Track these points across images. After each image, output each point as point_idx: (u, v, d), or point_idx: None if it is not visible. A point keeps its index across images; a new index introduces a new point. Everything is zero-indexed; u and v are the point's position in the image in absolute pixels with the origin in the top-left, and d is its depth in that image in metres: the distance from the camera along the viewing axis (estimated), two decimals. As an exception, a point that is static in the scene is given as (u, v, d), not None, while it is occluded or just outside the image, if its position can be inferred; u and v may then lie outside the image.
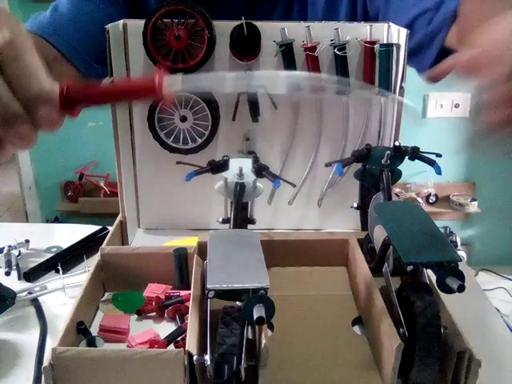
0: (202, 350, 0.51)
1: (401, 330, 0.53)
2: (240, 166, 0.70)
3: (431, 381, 0.53)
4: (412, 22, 0.80)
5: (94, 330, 0.64)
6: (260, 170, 0.71)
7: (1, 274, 0.78)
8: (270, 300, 0.48)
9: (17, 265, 0.80)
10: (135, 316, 0.67)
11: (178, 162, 0.76)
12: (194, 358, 0.49)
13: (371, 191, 0.72)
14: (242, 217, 0.70)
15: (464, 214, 2.55)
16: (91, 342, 0.59)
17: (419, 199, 2.48)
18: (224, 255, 0.55)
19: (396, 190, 2.40)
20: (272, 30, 0.77)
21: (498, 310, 0.73)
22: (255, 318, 0.46)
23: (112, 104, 0.68)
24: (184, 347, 0.50)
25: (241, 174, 0.70)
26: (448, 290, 0.50)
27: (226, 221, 0.73)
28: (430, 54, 0.80)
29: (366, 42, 0.78)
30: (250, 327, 0.52)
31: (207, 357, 0.49)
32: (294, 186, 0.75)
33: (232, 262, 0.53)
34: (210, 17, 0.76)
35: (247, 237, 0.60)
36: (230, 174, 0.71)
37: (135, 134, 0.85)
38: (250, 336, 0.52)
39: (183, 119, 0.82)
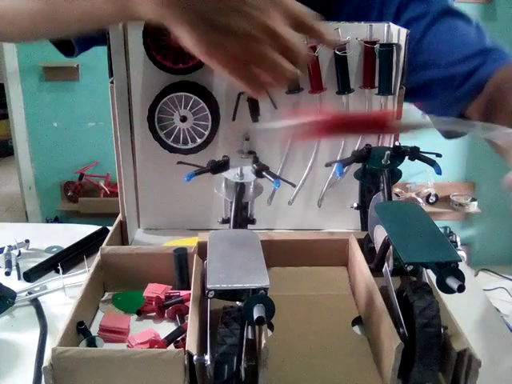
0: (202, 350, 0.51)
1: (401, 329, 0.53)
2: (240, 166, 0.70)
3: (431, 381, 0.53)
4: (439, 82, 0.80)
5: (94, 330, 0.64)
6: (260, 170, 0.71)
7: (1, 274, 0.78)
8: (270, 300, 0.48)
9: (17, 265, 0.80)
10: (135, 316, 0.67)
11: (179, 162, 0.75)
12: (194, 357, 0.49)
13: (371, 191, 0.72)
14: (242, 217, 0.70)
15: (464, 213, 2.55)
16: (91, 342, 0.59)
17: (419, 199, 2.48)
18: (224, 255, 0.55)
19: (396, 190, 2.40)
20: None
21: (498, 310, 0.73)
22: (255, 318, 0.46)
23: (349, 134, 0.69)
24: (184, 347, 0.50)
25: (241, 174, 0.70)
26: (448, 290, 0.50)
27: (225, 221, 0.73)
28: (448, 116, 0.80)
29: (366, 42, 0.78)
30: (249, 327, 0.52)
31: (207, 357, 0.49)
32: (294, 186, 0.75)
33: (232, 262, 0.53)
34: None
35: (247, 237, 0.60)
36: (230, 174, 0.71)
37: (135, 134, 0.85)
38: (250, 336, 0.52)
39: (183, 119, 0.82)
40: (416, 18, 0.77)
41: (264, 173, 0.71)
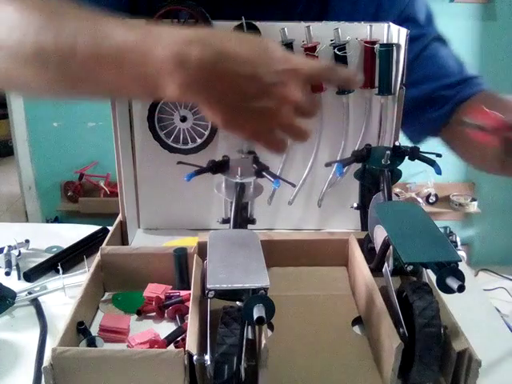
0: (202, 350, 0.51)
1: (401, 329, 0.53)
2: (240, 166, 0.70)
3: (431, 381, 0.53)
4: (427, 100, 0.85)
5: (94, 330, 0.64)
6: (260, 170, 0.71)
7: (1, 274, 0.78)
8: (270, 300, 0.48)
9: (17, 265, 0.80)
10: (135, 316, 0.67)
11: (179, 162, 0.75)
12: (194, 357, 0.49)
13: (371, 191, 0.72)
14: (242, 217, 0.70)
15: (464, 213, 2.55)
16: (91, 342, 0.59)
17: (419, 199, 2.48)
18: (224, 255, 0.55)
19: (396, 190, 2.40)
20: (272, 30, 0.77)
21: (498, 310, 0.73)
22: (255, 317, 0.46)
23: None
24: (184, 347, 0.50)
25: (241, 174, 0.70)
26: (448, 290, 0.50)
27: (225, 221, 0.73)
28: (421, 134, 0.90)
29: (366, 42, 0.78)
30: (249, 327, 0.52)
31: (207, 357, 0.49)
32: (294, 185, 0.75)
33: (232, 262, 0.54)
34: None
35: (247, 237, 0.60)
36: (230, 174, 0.71)
37: (135, 134, 0.85)
38: (250, 336, 0.52)
39: (183, 119, 0.82)
40: (411, 39, 0.80)
41: (264, 173, 0.71)
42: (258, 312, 0.46)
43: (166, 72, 0.48)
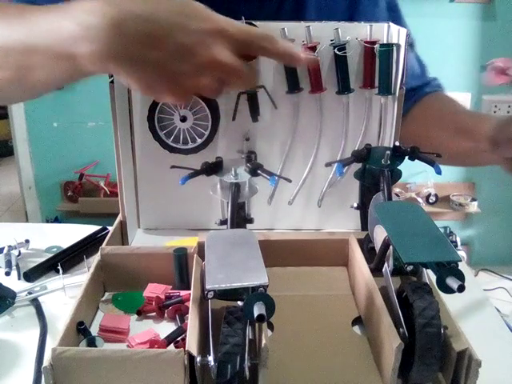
0: (202, 350, 0.51)
1: (401, 330, 0.53)
2: (234, 166, 0.70)
3: (431, 381, 0.53)
4: None
5: (94, 330, 0.64)
6: (255, 169, 0.70)
7: (1, 274, 0.78)
8: (269, 297, 0.48)
9: (17, 265, 0.80)
10: (135, 316, 0.67)
11: (173, 167, 0.74)
12: (198, 359, 0.49)
13: (371, 191, 0.72)
14: (239, 217, 0.70)
15: (464, 213, 2.55)
16: (91, 342, 0.59)
17: (419, 199, 2.48)
18: (222, 255, 0.55)
19: (396, 190, 2.40)
20: (272, 30, 0.77)
21: (498, 310, 0.73)
22: (256, 315, 0.46)
23: None
24: (184, 347, 0.50)
25: (235, 174, 0.70)
26: (448, 290, 0.50)
27: (223, 222, 0.73)
28: None
29: (366, 42, 0.78)
30: (250, 327, 0.52)
31: (210, 358, 0.49)
32: (290, 181, 0.74)
33: (230, 262, 0.53)
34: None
35: (244, 236, 0.60)
36: (225, 175, 0.71)
37: (135, 134, 0.85)
38: (250, 336, 0.52)
39: (183, 119, 0.81)
40: None
41: (259, 171, 0.70)
42: (258, 310, 0.46)
43: (76, 43, 0.48)
